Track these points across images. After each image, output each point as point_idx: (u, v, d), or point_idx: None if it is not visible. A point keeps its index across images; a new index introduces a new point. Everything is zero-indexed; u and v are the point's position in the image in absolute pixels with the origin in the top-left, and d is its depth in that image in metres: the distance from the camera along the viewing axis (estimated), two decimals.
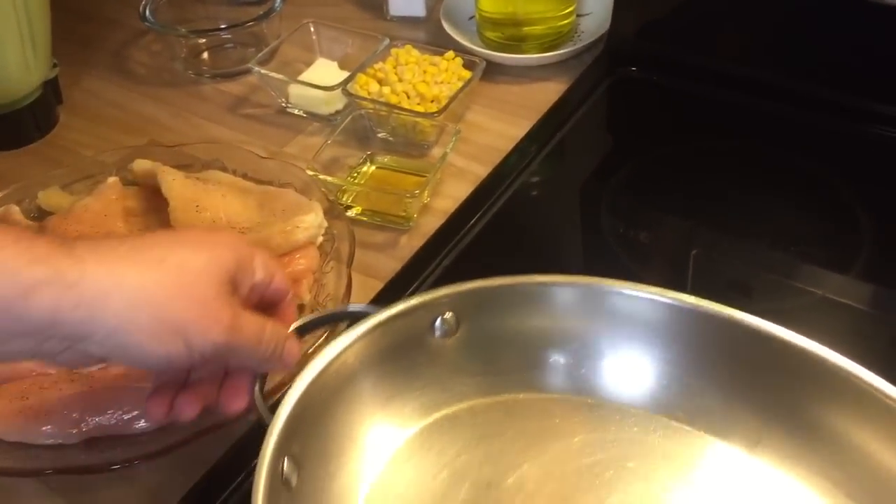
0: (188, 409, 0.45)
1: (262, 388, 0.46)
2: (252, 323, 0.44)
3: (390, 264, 0.63)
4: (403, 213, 0.66)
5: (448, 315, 0.50)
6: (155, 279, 0.41)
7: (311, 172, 0.65)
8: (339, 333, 0.47)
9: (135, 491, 0.51)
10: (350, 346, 0.46)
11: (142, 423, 0.51)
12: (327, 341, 0.48)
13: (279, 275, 0.48)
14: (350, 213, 0.67)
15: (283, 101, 0.78)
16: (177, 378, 0.46)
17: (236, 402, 0.46)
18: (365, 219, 0.68)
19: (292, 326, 0.48)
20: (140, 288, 0.40)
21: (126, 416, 0.51)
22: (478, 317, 0.50)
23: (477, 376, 0.50)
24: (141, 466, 0.50)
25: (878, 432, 0.44)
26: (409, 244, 0.65)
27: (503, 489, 0.46)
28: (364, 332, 0.47)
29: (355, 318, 0.48)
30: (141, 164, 0.67)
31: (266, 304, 0.48)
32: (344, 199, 0.68)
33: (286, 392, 0.44)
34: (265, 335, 0.44)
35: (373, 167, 0.72)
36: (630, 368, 0.50)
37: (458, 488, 0.46)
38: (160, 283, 0.41)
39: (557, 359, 0.50)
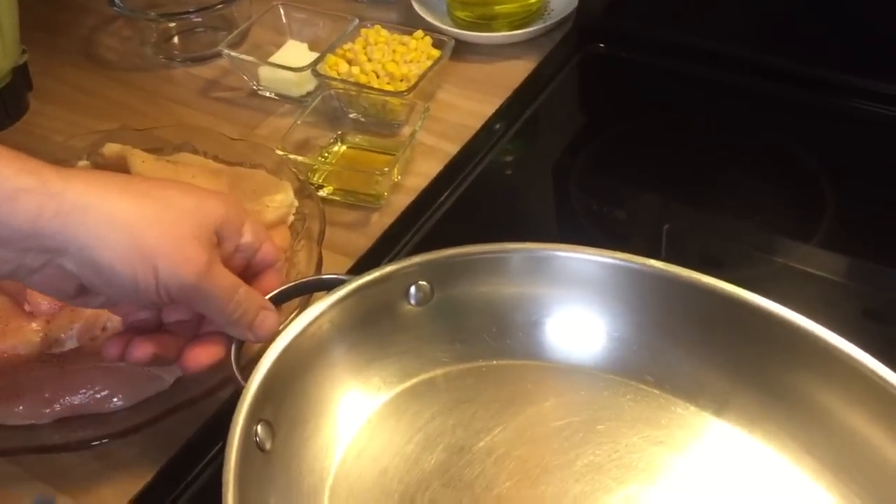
0: (139, 351, 0.45)
1: (237, 354, 0.46)
2: (226, 277, 0.44)
3: (361, 242, 0.63)
4: (374, 192, 0.66)
5: (422, 283, 0.50)
6: (136, 206, 0.41)
7: (280, 152, 0.65)
8: (314, 302, 0.48)
9: (110, 469, 0.51)
10: (324, 312, 0.47)
11: (114, 402, 0.51)
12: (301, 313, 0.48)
13: (269, 245, 0.49)
14: (322, 192, 0.67)
15: (254, 84, 0.78)
16: (146, 325, 0.46)
17: (199, 358, 0.46)
18: (337, 198, 0.68)
19: (267, 296, 0.48)
20: (120, 210, 0.41)
21: (98, 396, 0.51)
22: (451, 285, 0.50)
23: (451, 343, 0.51)
24: (115, 445, 0.50)
25: (843, 393, 0.45)
26: (381, 222, 0.65)
27: (475, 452, 0.47)
28: (339, 299, 0.47)
29: (330, 286, 0.48)
30: (111, 148, 0.66)
31: (252, 274, 0.48)
32: (315, 178, 0.68)
33: (261, 357, 0.44)
34: (238, 295, 0.44)
35: (343, 147, 0.72)
36: (600, 334, 0.50)
37: (431, 452, 0.47)
38: (141, 210, 0.41)
39: (530, 325, 0.51)
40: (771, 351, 0.46)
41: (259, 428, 0.42)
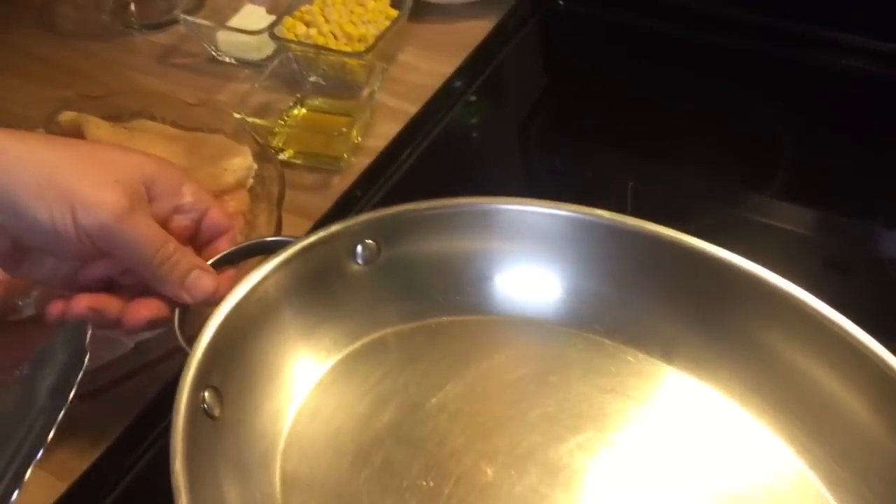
0: (77, 306, 0.44)
1: (182, 320, 0.46)
2: (152, 228, 0.43)
3: (323, 204, 0.63)
4: (334, 154, 0.66)
5: (368, 242, 0.49)
6: (57, 151, 0.41)
7: (238, 115, 0.64)
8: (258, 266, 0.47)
9: (71, 433, 0.50)
10: (269, 275, 0.46)
11: None
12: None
13: (216, 211, 0.48)
14: (282, 156, 0.67)
15: (212, 50, 0.77)
16: (96, 288, 0.46)
17: (140, 312, 0.45)
18: (298, 161, 0.67)
19: (209, 261, 0.47)
20: (38, 151, 0.40)
21: None
22: (399, 242, 0.50)
23: (400, 302, 0.50)
24: (76, 409, 0.50)
25: (788, 334, 0.44)
26: (342, 184, 0.65)
27: (427, 409, 0.46)
28: (283, 262, 0.47)
29: (273, 248, 0.47)
30: (67, 116, 0.65)
31: (204, 242, 0.48)
32: (275, 142, 0.67)
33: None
34: (166, 249, 0.44)
35: (303, 110, 0.71)
36: (549, 286, 0.50)
37: (384, 411, 0.46)
38: (62, 155, 0.41)
39: (478, 280, 0.50)
40: (718, 296, 0.46)
41: (207, 395, 0.42)
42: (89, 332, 0.44)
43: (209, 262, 0.47)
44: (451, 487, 0.43)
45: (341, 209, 0.61)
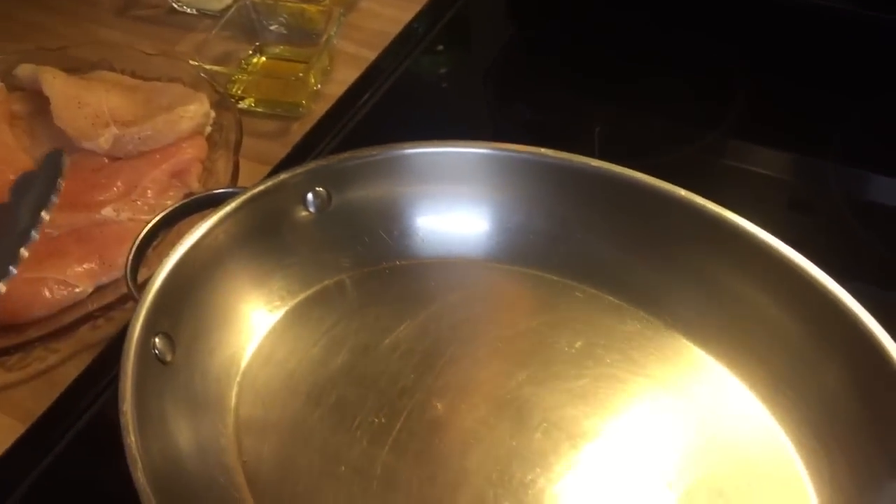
0: None
1: (134, 269, 0.46)
2: None
3: (282, 151, 0.62)
4: (292, 100, 0.65)
5: (319, 189, 0.49)
6: None
7: (194, 63, 0.63)
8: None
9: (29, 378, 0.50)
10: (217, 224, 0.46)
11: (33, 313, 0.50)
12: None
13: None
14: (242, 104, 0.66)
15: (172, 0, 0.75)
16: None
17: None
18: (259, 109, 0.66)
19: (155, 219, 0.47)
20: None
21: (15, 307, 0.50)
22: (348, 189, 0.49)
23: (352, 248, 0.50)
24: (35, 354, 0.50)
25: (732, 262, 0.45)
26: (301, 130, 0.64)
27: (380, 350, 0.46)
28: (231, 211, 0.46)
29: (220, 200, 0.47)
30: (25, 69, 0.64)
31: None
32: (234, 90, 0.66)
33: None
34: None
35: (263, 58, 0.70)
36: (499, 226, 0.50)
37: (337, 354, 0.47)
38: None
39: (428, 224, 0.50)
40: (661, 228, 0.46)
41: (158, 341, 0.42)
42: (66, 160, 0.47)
43: (155, 221, 0.47)
44: (401, 423, 0.43)
45: (298, 155, 0.61)
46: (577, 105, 0.67)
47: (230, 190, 0.48)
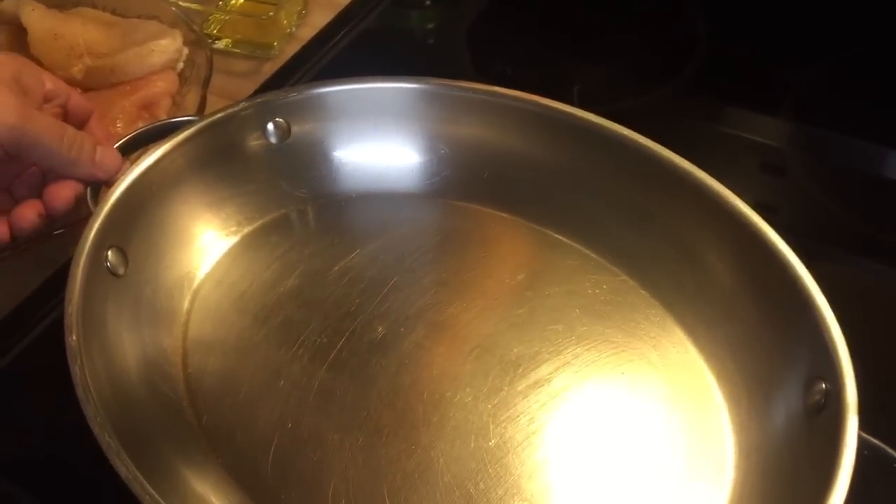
0: (25, 220, 0.45)
1: (94, 194, 0.46)
2: (48, 118, 0.43)
3: (251, 88, 0.62)
4: (266, 41, 0.65)
5: (279, 120, 0.49)
6: None
7: (171, 0, 0.64)
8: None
9: None
10: (175, 148, 0.46)
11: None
12: None
13: (76, 97, 0.48)
14: (219, 44, 0.66)
15: None
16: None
17: (62, 193, 0.45)
18: (236, 50, 0.67)
19: (118, 143, 0.47)
20: None
21: None
22: (307, 121, 0.50)
23: (310, 179, 0.50)
24: None
25: (663, 196, 0.45)
26: (272, 70, 0.64)
27: (329, 276, 0.47)
28: (189, 136, 0.47)
29: (178, 128, 0.47)
30: (8, 3, 0.64)
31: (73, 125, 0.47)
32: (210, 29, 0.67)
33: None
34: (67, 134, 0.44)
35: (241, 0, 0.70)
36: (451, 164, 0.50)
37: (288, 277, 0.47)
38: None
39: (384, 158, 0.50)
40: (602, 166, 0.47)
41: (110, 254, 0.42)
42: None
43: (117, 146, 0.47)
44: (342, 343, 0.44)
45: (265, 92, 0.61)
46: (557, 61, 0.68)
47: (190, 118, 0.49)
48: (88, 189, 0.46)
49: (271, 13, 0.64)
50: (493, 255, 0.48)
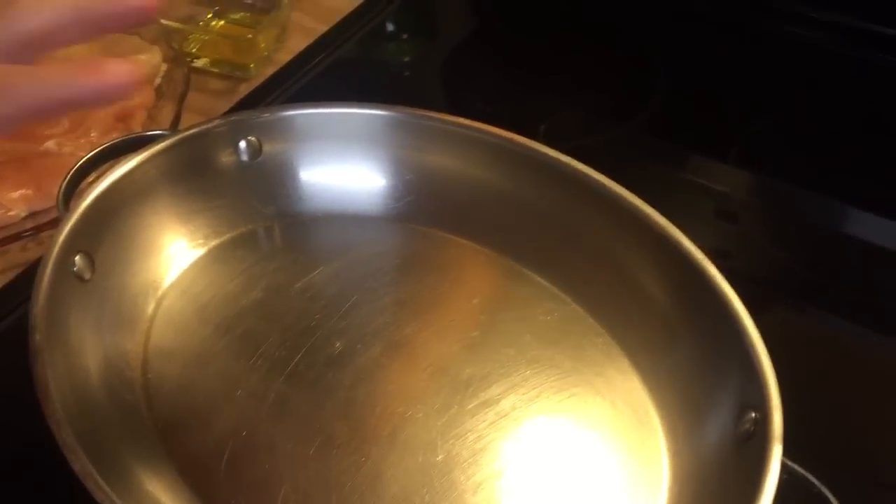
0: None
1: (67, 197, 0.47)
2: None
3: (224, 107, 0.64)
4: (242, 62, 0.67)
5: (251, 138, 0.51)
6: None
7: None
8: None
9: None
10: (148, 160, 0.47)
11: None
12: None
13: None
14: (197, 62, 0.68)
15: None
16: None
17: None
18: (213, 69, 0.68)
19: (93, 151, 0.48)
20: None
21: None
22: (278, 141, 0.51)
23: (279, 197, 0.52)
24: None
25: (616, 230, 0.47)
26: (247, 90, 0.66)
27: (291, 292, 0.48)
28: (162, 149, 0.47)
29: (152, 140, 0.49)
30: None
31: None
32: (189, 48, 0.68)
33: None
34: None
35: (222, 21, 0.72)
36: (415, 190, 0.52)
37: (251, 291, 0.48)
38: None
39: (353, 180, 0.52)
40: (560, 201, 0.49)
41: (78, 259, 0.43)
42: None
43: (89, 156, 0.48)
44: (300, 356, 0.45)
45: (239, 111, 0.63)
46: (526, 97, 0.70)
47: (163, 132, 0.50)
48: (60, 195, 0.47)
49: (249, 36, 0.66)
50: (452, 279, 0.50)
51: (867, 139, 0.66)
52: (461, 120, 0.51)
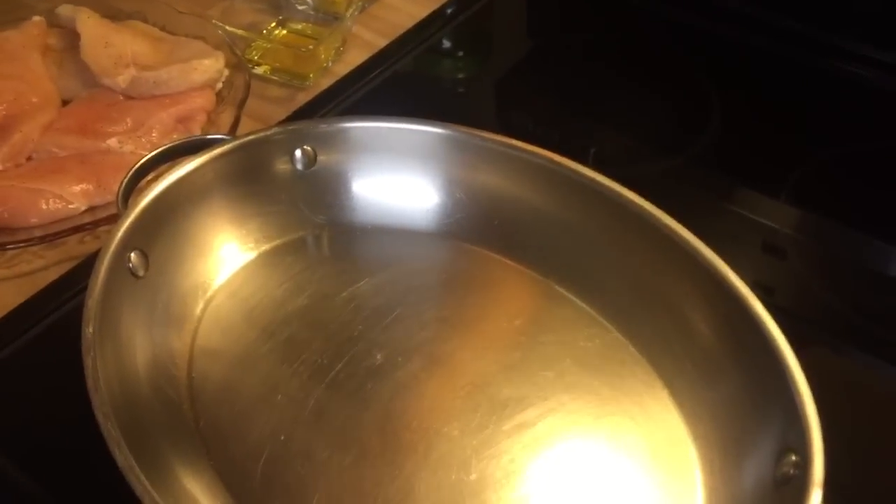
0: None
1: (126, 194, 0.48)
2: None
3: (283, 114, 0.65)
4: (302, 71, 0.68)
5: (307, 147, 0.52)
6: None
7: (218, 25, 0.66)
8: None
9: (15, 276, 0.53)
10: (207, 163, 0.48)
11: (29, 220, 0.53)
12: None
13: None
14: (258, 70, 0.69)
15: None
16: None
17: None
18: (274, 77, 0.69)
19: (154, 152, 0.49)
20: None
21: (13, 214, 0.53)
22: (333, 152, 0.52)
23: (329, 206, 0.52)
24: (25, 257, 0.53)
25: (663, 261, 0.47)
26: (305, 99, 0.66)
27: (336, 300, 0.49)
28: (220, 154, 0.49)
29: (212, 144, 0.49)
30: (65, 8, 0.67)
31: None
32: (251, 55, 0.69)
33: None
34: None
35: (284, 31, 0.73)
36: (463, 207, 0.52)
37: (297, 297, 0.49)
38: None
39: (400, 197, 0.52)
40: (607, 228, 0.49)
41: (133, 256, 0.44)
42: None
43: (157, 151, 0.49)
44: (341, 365, 0.45)
45: (295, 120, 0.63)
46: (577, 122, 0.70)
47: (224, 136, 0.51)
48: (120, 192, 0.48)
49: (311, 46, 0.67)
50: (495, 298, 0.50)
51: None
52: (514, 141, 0.51)
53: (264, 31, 0.71)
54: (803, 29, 0.71)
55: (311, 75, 0.67)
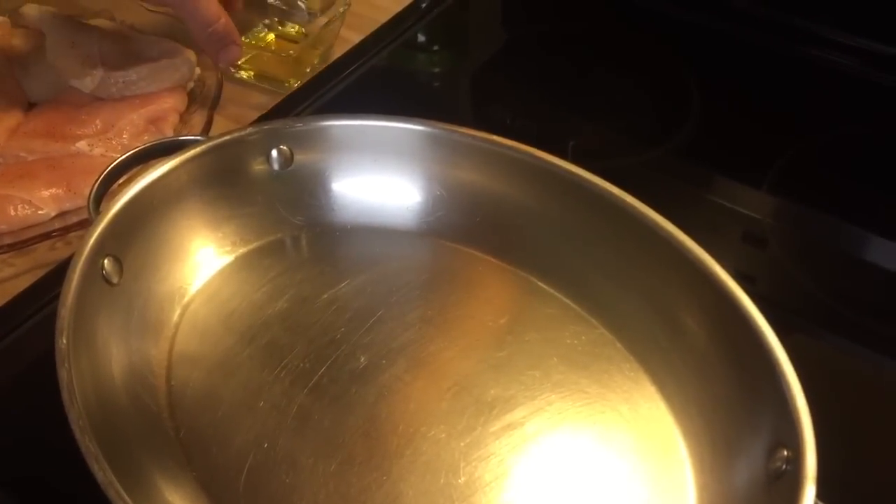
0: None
1: (97, 198, 0.47)
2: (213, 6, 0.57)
3: (257, 114, 0.63)
4: (283, 77, 0.66)
5: (283, 147, 0.51)
6: None
7: None
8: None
9: None
10: (180, 165, 0.47)
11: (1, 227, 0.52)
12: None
13: None
14: (241, 74, 0.67)
15: None
16: None
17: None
18: (255, 82, 0.67)
19: (125, 155, 0.48)
20: None
21: None
22: (309, 151, 0.51)
23: (308, 207, 0.51)
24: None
25: (646, 255, 0.46)
26: (280, 98, 0.65)
27: (317, 303, 0.48)
28: (193, 156, 0.47)
29: (188, 146, 0.48)
30: (30, 8, 0.66)
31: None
32: None
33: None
34: (215, 26, 0.57)
35: (272, 35, 0.71)
36: (444, 205, 0.51)
37: (277, 301, 0.48)
38: None
39: (382, 193, 0.52)
40: (592, 222, 0.48)
41: (106, 262, 0.43)
42: None
43: (128, 154, 0.48)
44: (324, 370, 0.44)
45: (270, 119, 0.62)
46: (555, 114, 0.69)
47: (196, 137, 0.50)
48: (91, 197, 0.47)
49: (291, 52, 0.65)
50: (479, 297, 0.49)
51: None
52: (494, 137, 0.50)
53: (250, 37, 0.69)
54: (781, 17, 0.71)
55: (291, 80, 0.66)
